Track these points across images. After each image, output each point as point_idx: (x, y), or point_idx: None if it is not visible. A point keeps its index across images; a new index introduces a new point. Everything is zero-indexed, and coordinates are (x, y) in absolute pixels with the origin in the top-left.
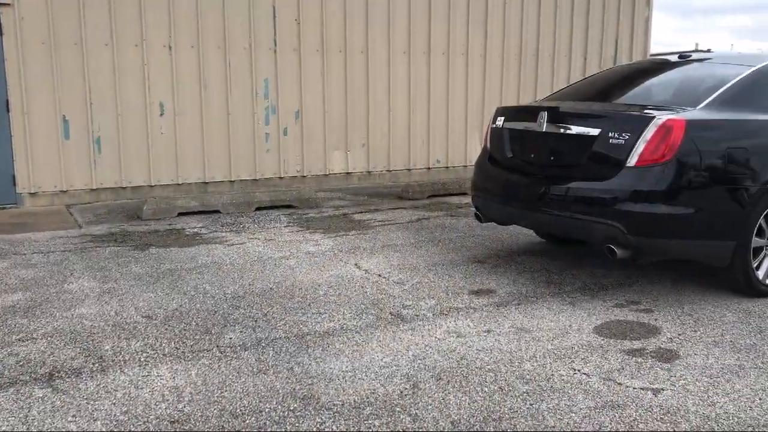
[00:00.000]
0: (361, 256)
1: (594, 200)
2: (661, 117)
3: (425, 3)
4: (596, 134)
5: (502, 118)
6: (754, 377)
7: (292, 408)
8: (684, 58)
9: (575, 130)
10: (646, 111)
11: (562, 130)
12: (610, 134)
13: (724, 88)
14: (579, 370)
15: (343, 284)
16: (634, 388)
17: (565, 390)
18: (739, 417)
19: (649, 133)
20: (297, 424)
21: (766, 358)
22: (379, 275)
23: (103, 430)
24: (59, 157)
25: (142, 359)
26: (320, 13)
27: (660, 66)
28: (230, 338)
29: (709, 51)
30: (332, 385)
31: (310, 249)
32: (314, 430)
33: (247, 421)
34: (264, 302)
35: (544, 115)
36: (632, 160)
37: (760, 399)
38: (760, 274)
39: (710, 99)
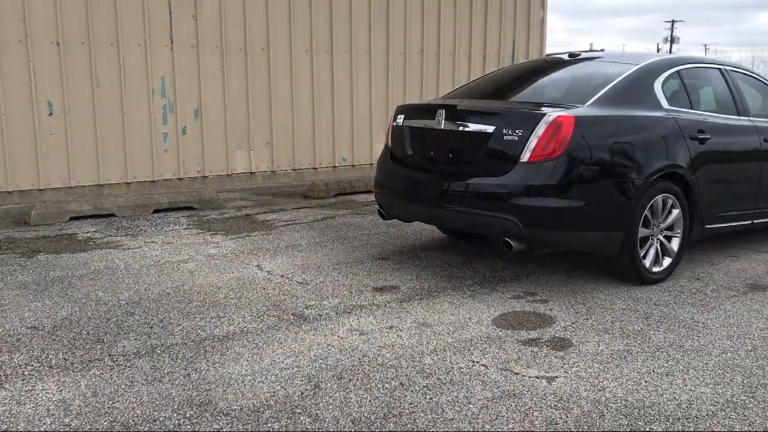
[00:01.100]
0: (263, 257)
1: (490, 195)
2: (552, 114)
3: (327, 1)
4: (491, 131)
5: (402, 116)
6: (641, 361)
7: (188, 415)
8: (575, 57)
9: (472, 127)
10: (537, 108)
11: (459, 128)
12: (504, 131)
13: (611, 85)
14: (477, 362)
15: (244, 286)
16: (529, 377)
17: (464, 382)
18: (626, 400)
19: (541, 129)
20: None
21: (651, 342)
22: (282, 276)
23: None
24: None
25: (25, 373)
26: (219, 10)
27: (553, 65)
28: (123, 346)
29: (602, 51)
30: (231, 390)
31: (210, 251)
32: None
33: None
34: (160, 308)
35: (442, 113)
36: (525, 156)
37: (645, 382)
38: (647, 262)
39: (598, 96)
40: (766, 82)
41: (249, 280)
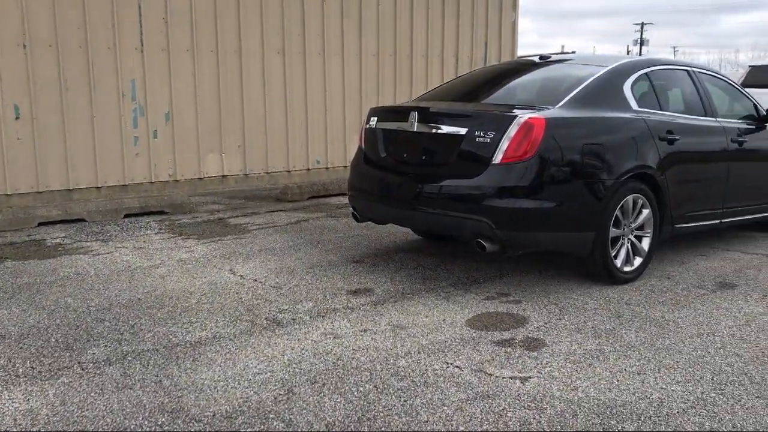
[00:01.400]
0: (236, 261)
1: (463, 197)
2: (523, 116)
3: (299, 3)
4: (464, 133)
5: (375, 118)
6: (612, 360)
7: (159, 422)
8: (546, 60)
9: (445, 129)
10: (509, 110)
11: (432, 130)
12: (476, 133)
13: (581, 87)
14: (452, 364)
15: (216, 291)
16: (503, 378)
17: (438, 384)
18: (599, 399)
19: (512, 131)
20: None
21: (623, 341)
22: (255, 280)
23: None
24: None
25: None
26: (190, 13)
27: (524, 67)
28: (93, 353)
29: (573, 53)
30: (203, 396)
31: (182, 256)
32: None
33: None
34: (131, 314)
35: (415, 115)
36: (498, 158)
37: (617, 381)
38: (618, 262)
39: (568, 98)
40: (731, 83)
41: (221, 284)
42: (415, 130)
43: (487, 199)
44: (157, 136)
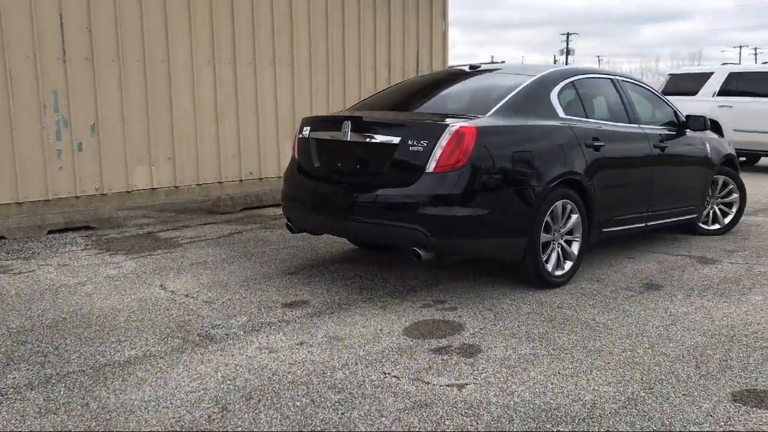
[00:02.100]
0: (167, 276)
1: (398, 206)
2: (455, 124)
3: (228, 12)
4: (397, 142)
5: (309, 128)
6: (546, 364)
7: None
8: (476, 69)
9: (378, 138)
10: (441, 119)
11: (366, 139)
12: (410, 142)
13: (510, 96)
14: (389, 374)
15: (146, 308)
16: (440, 386)
17: (376, 395)
18: (534, 403)
19: (444, 140)
20: None
21: (556, 344)
22: (187, 295)
23: None
24: None
25: None
26: (114, 21)
27: (455, 76)
28: (14, 378)
29: (502, 63)
30: (133, 418)
31: (110, 272)
32: None
33: None
34: (55, 334)
35: (349, 124)
36: (431, 166)
37: (552, 384)
38: (549, 266)
39: (498, 107)
40: (653, 91)
41: (152, 300)
42: (348, 139)
43: (421, 208)
44: (82, 149)
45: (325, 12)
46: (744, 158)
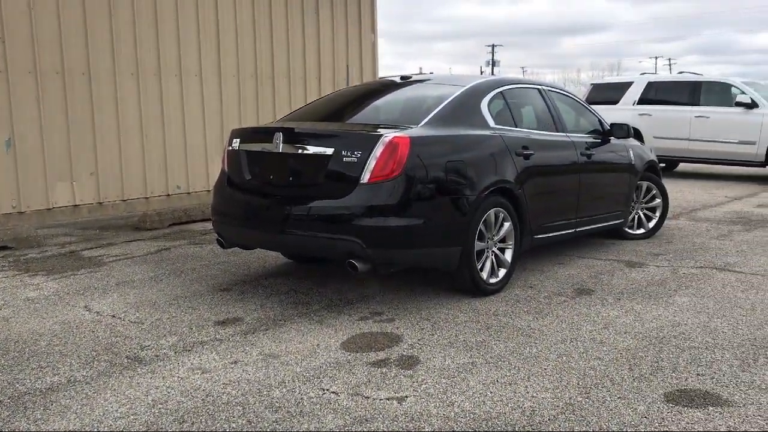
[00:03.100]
0: (92, 297)
1: (333, 218)
2: (388, 135)
3: (151, 24)
4: (331, 153)
5: (239, 140)
6: (485, 372)
7: None
8: (407, 80)
9: (311, 150)
10: (374, 130)
11: (299, 151)
12: (343, 153)
13: (441, 106)
14: (328, 389)
15: (70, 331)
16: (380, 400)
17: (314, 412)
18: (474, 413)
19: (378, 150)
20: None
21: (493, 352)
22: (114, 316)
23: None
24: None
25: None
26: (30, 32)
27: (387, 87)
28: None
29: (431, 73)
30: None
31: (29, 295)
32: None
33: None
34: None
35: (280, 136)
36: (365, 177)
37: (491, 393)
38: (484, 274)
39: (430, 117)
40: (578, 100)
41: (76, 323)
42: (280, 151)
43: (356, 219)
44: None
45: (252, 23)
46: (664, 164)
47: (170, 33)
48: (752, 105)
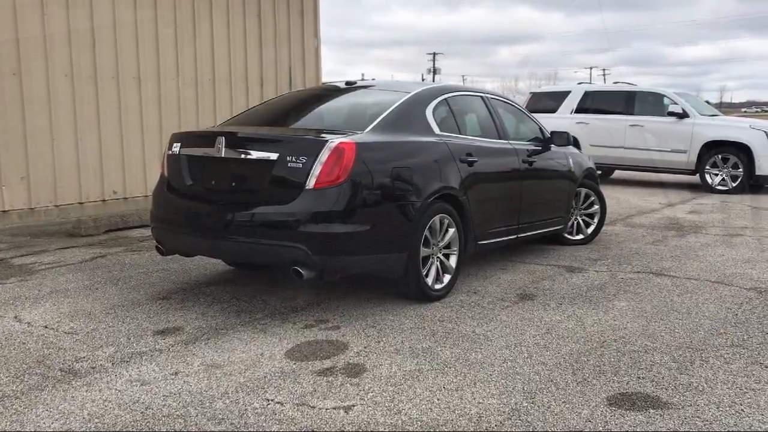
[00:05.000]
0: (22, 306)
1: (278, 224)
2: (334, 140)
3: (87, 26)
4: (275, 158)
5: (179, 144)
6: (431, 379)
7: None
8: (351, 85)
9: (255, 155)
10: (320, 135)
11: (242, 155)
12: (288, 158)
13: (387, 112)
14: (273, 400)
15: None
16: (327, 410)
17: (259, 424)
18: (422, 420)
19: (324, 156)
20: None
21: (439, 359)
22: (46, 327)
23: None
24: None
25: None
26: None
27: (331, 92)
28: None
29: (374, 80)
30: None
31: None
32: None
33: None
34: None
35: (222, 140)
36: (311, 183)
37: (438, 399)
38: (429, 280)
39: (376, 123)
40: (520, 108)
41: (4, 335)
42: (223, 155)
43: (302, 225)
44: None
45: (192, 26)
46: (600, 171)
47: (106, 35)
48: (683, 115)
